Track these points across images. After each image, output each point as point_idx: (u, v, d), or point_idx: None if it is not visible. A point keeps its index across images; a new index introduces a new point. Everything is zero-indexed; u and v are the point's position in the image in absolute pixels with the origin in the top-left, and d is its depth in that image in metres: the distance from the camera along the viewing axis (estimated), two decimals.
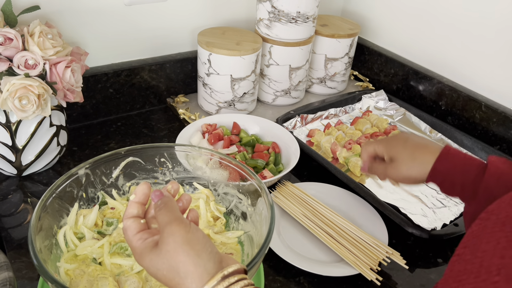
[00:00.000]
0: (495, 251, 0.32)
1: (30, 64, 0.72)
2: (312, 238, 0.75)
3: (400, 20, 1.20)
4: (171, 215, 0.44)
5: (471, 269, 0.33)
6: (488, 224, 0.36)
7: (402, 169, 0.64)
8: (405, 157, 0.64)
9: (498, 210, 0.36)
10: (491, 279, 0.30)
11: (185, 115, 1.03)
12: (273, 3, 0.99)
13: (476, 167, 0.58)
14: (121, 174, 0.70)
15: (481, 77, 1.04)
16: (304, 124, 1.05)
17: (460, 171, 0.59)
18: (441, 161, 0.61)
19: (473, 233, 0.37)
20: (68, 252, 0.60)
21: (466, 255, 0.35)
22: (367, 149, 0.70)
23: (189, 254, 0.41)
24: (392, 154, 0.66)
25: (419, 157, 0.63)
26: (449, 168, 0.60)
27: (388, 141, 0.68)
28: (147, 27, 1.02)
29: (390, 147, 0.67)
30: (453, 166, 0.60)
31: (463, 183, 0.59)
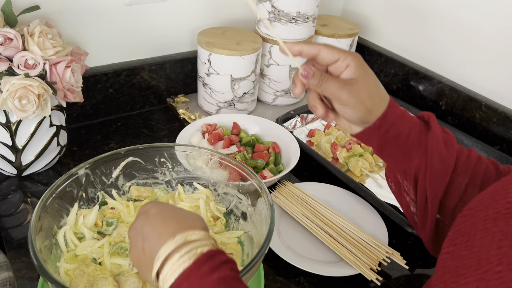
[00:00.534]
0: (491, 244, 0.33)
1: (30, 64, 0.72)
2: (312, 238, 0.75)
3: (400, 20, 1.20)
4: None
5: (470, 263, 0.33)
6: (477, 221, 0.36)
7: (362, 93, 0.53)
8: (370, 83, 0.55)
9: (482, 207, 0.37)
10: (494, 269, 0.31)
11: (185, 115, 1.03)
12: (273, 3, 0.99)
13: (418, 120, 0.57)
14: (121, 174, 0.70)
15: (481, 77, 1.04)
16: (304, 124, 1.05)
17: (407, 121, 0.56)
18: (393, 106, 0.56)
19: (460, 231, 0.37)
20: (68, 252, 0.60)
21: (461, 251, 0.35)
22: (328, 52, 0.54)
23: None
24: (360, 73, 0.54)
25: (381, 91, 0.56)
26: (398, 116, 0.55)
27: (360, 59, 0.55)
28: (147, 27, 1.02)
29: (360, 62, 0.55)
30: (401, 114, 0.56)
31: (408, 133, 0.55)
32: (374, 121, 0.55)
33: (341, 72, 0.54)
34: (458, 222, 0.38)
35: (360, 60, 0.55)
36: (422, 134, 0.55)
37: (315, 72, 0.54)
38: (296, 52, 0.55)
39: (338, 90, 0.53)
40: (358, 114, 0.54)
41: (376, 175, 0.91)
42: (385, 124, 0.55)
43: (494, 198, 0.37)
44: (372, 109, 0.54)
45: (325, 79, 0.54)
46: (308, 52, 0.55)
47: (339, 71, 0.55)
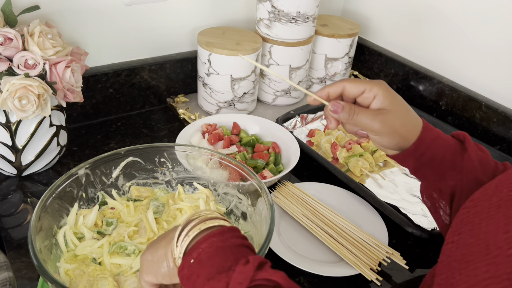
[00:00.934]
0: (497, 230, 0.33)
1: (30, 64, 0.72)
2: (312, 238, 0.75)
3: (400, 20, 1.20)
4: None
5: (478, 249, 0.34)
6: (480, 210, 0.37)
7: (395, 122, 0.53)
8: (402, 111, 0.54)
9: (485, 197, 0.38)
10: (505, 253, 0.31)
11: (185, 115, 1.03)
12: (273, 3, 0.99)
13: (453, 141, 0.57)
14: (121, 174, 0.70)
15: (481, 77, 1.04)
16: (304, 124, 1.05)
17: (442, 143, 0.56)
18: (427, 130, 0.56)
19: (464, 220, 0.38)
20: (68, 252, 0.60)
21: (466, 239, 0.36)
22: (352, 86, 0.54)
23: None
24: (389, 102, 0.53)
25: (413, 117, 0.55)
26: (432, 139, 0.55)
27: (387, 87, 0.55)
28: (147, 27, 1.02)
29: (388, 91, 0.54)
30: (436, 137, 0.56)
31: (443, 156, 0.55)
32: (409, 146, 0.55)
33: (370, 102, 0.54)
34: (461, 213, 0.39)
35: (387, 88, 0.54)
36: (457, 156, 0.55)
37: (344, 107, 0.54)
38: (324, 97, 0.56)
39: (370, 122, 0.53)
40: (393, 142, 0.55)
41: (376, 175, 0.91)
42: (420, 148, 0.55)
43: (498, 188, 0.38)
44: (406, 136, 0.55)
45: (355, 112, 0.54)
46: (334, 92, 0.56)
47: (367, 102, 0.54)
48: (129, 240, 0.62)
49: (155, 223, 0.65)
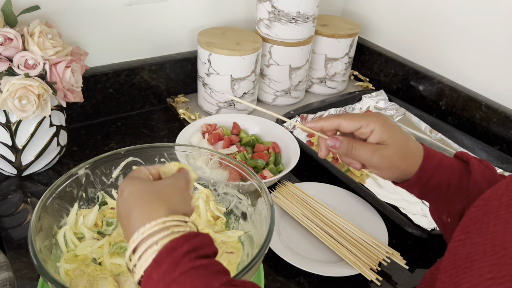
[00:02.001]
0: (506, 230, 0.33)
1: (30, 64, 0.72)
2: (312, 238, 0.75)
3: (400, 20, 1.20)
4: None
5: (484, 249, 0.33)
6: (490, 209, 0.36)
7: (393, 157, 0.53)
8: (400, 144, 0.53)
9: (495, 196, 0.37)
10: (509, 254, 0.31)
11: (185, 115, 1.03)
12: (273, 3, 0.99)
13: (457, 164, 0.56)
14: (121, 174, 0.70)
15: (481, 77, 1.04)
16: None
17: (445, 169, 0.55)
18: (428, 158, 0.55)
19: (472, 219, 0.37)
20: (68, 252, 0.60)
21: (473, 238, 0.35)
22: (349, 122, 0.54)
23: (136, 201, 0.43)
24: (387, 137, 0.53)
25: (413, 148, 0.54)
26: (435, 166, 0.54)
27: (384, 121, 0.54)
28: (147, 27, 1.02)
29: (387, 128, 0.53)
30: (439, 163, 0.55)
31: (449, 182, 0.54)
32: (411, 176, 0.55)
33: (367, 136, 0.54)
34: (470, 211, 0.39)
35: (384, 122, 0.53)
36: (463, 180, 0.54)
37: (342, 142, 0.54)
38: (317, 130, 0.55)
39: (368, 158, 0.53)
40: (394, 175, 0.55)
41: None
42: (423, 177, 0.54)
43: (508, 187, 0.37)
44: (406, 169, 0.54)
45: (353, 147, 0.53)
46: (328, 127, 0.55)
47: (365, 136, 0.54)
48: None
49: None
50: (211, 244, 0.42)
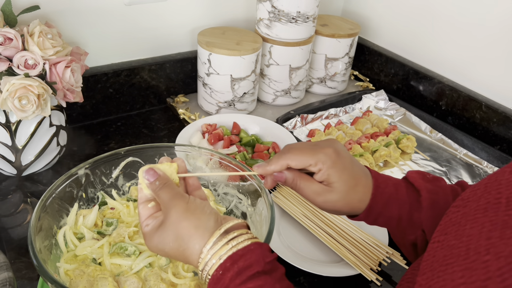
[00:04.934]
0: (480, 234, 0.33)
1: (30, 64, 0.72)
2: (312, 238, 0.75)
3: (400, 20, 1.20)
4: (171, 191, 0.48)
5: (458, 252, 0.33)
6: (468, 211, 0.36)
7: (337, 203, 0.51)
8: (346, 189, 0.51)
9: (474, 198, 0.37)
10: (481, 259, 0.31)
11: (185, 115, 1.03)
12: (273, 3, 0.99)
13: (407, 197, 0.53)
14: (121, 174, 0.70)
15: (481, 77, 1.04)
16: (304, 124, 1.05)
17: (395, 205, 0.52)
18: (376, 198, 0.52)
19: (451, 220, 0.37)
20: (68, 252, 0.60)
21: (450, 240, 0.35)
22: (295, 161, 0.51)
23: (190, 219, 0.45)
24: (333, 180, 0.50)
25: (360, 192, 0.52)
26: (383, 204, 0.52)
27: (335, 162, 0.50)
28: (147, 27, 1.02)
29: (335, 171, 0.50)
30: (387, 200, 0.52)
31: (399, 217, 0.52)
32: (359, 213, 0.53)
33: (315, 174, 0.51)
34: (450, 211, 0.39)
35: (334, 163, 0.50)
36: (414, 214, 0.52)
37: (286, 178, 0.52)
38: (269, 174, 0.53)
39: (312, 199, 0.52)
40: (338, 214, 0.53)
41: None
42: (371, 215, 0.53)
43: (487, 189, 0.37)
44: (351, 212, 0.53)
45: (298, 185, 0.52)
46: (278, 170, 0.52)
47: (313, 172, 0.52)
48: (130, 241, 0.62)
49: None
50: (259, 259, 0.42)
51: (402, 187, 0.53)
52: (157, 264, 0.60)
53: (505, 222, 0.32)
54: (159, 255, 0.48)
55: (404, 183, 0.54)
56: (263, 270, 0.42)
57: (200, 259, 0.44)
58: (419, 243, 0.53)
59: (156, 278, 0.57)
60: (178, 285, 0.57)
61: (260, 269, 0.42)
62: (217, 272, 0.42)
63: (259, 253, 0.43)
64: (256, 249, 0.43)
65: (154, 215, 0.49)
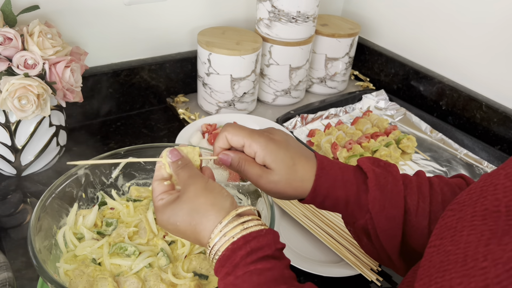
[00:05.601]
0: (479, 242, 0.33)
1: (30, 64, 0.72)
2: (312, 238, 0.75)
3: (400, 20, 1.20)
4: (191, 171, 0.50)
5: (456, 259, 0.33)
6: (464, 215, 0.36)
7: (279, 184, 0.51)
8: (285, 169, 0.51)
9: (470, 202, 0.37)
10: (479, 265, 0.31)
11: (185, 115, 1.03)
12: (273, 2, 0.99)
13: (355, 179, 0.53)
14: (120, 174, 0.70)
15: (481, 77, 1.04)
16: (304, 124, 1.05)
17: (341, 187, 0.52)
18: (320, 179, 0.52)
19: (447, 224, 0.37)
20: (68, 252, 0.60)
21: (446, 246, 0.35)
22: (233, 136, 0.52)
23: (207, 196, 0.46)
24: (270, 161, 0.51)
25: (300, 171, 0.52)
26: (329, 186, 0.52)
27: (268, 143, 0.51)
28: (147, 27, 1.02)
29: (269, 152, 0.51)
30: (333, 182, 0.52)
31: (347, 199, 0.52)
32: (305, 196, 0.53)
33: (254, 157, 0.52)
34: (446, 215, 0.38)
35: (267, 144, 0.51)
36: (361, 196, 0.52)
37: (232, 158, 0.53)
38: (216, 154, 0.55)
39: (255, 181, 0.52)
40: (284, 197, 0.54)
41: None
42: (317, 198, 0.53)
43: (483, 194, 0.36)
44: (295, 193, 0.52)
45: (242, 166, 0.52)
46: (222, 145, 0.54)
47: (252, 156, 0.52)
48: (129, 241, 0.62)
49: (155, 223, 0.65)
50: (270, 244, 0.44)
51: (349, 170, 0.53)
52: (157, 264, 0.59)
53: (506, 231, 0.32)
54: (168, 231, 0.48)
55: (352, 167, 0.54)
56: (273, 255, 0.43)
57: (212, 234, 0.44)
58: (371, 230, 0.53)
59: (156, 278, 0.57)
60: (178, 285, 0.57)
61: (270, 253, 0.43)
62: (227, 250, 0.43)
63: (271, 238, 0.44)
64: (268, 234, 0.44)
65: (169, 191, 0.50)
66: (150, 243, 0.63)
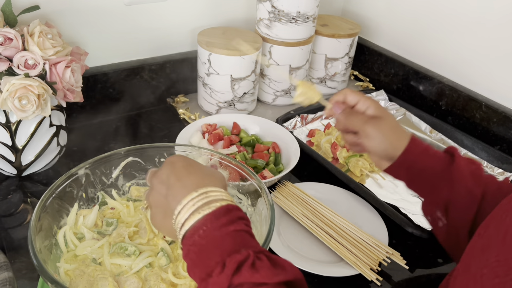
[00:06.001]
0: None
1: (30, 64, 0.72)
2: (312, 238, 0.75)
3: (400, 20, 1.20)
4: None
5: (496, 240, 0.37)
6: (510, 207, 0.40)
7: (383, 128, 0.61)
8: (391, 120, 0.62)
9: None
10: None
11: (185, 115, 1.03)
12: (273, 3, 0.99)
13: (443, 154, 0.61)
14: (121, 174, 0.70)
15: (481, 77, 1.04)
16: (304, 124, 1.05)
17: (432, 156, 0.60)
18: (415, 141, 0.61)
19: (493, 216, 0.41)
20: (68, 252, 0.60)
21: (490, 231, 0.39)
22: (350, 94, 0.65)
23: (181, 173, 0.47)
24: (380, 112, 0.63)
25: (400, 128, 0.62)
26: (420, 152, 0.61)
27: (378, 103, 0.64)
28: (147, 27, 1.02)
29: (378, 105, 0.63)
30: (425, 150, 0.61)
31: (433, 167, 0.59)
32: (397, 155, 0.61)
33: (363, 111, 0.63)
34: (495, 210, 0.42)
35: (378, 103, 0.64)
36: (446, 167, 0.59)
37: (344, 109, 0.64)
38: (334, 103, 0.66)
39: (362, 124, 0.61)
40: (382, 146, 0.61)
41: (376, 175, 0.91)
42: (408, 159, 0.60)
43: None
44: (394, 143, 0.61)
45: (351, 113, 0.63)
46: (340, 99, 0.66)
47: (362, 110, 0.64)
48: (130, 241, 0.62)
49: None
50: None
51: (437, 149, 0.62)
52: (157, 264, 0.60)
53: None
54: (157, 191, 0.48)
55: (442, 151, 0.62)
56: None
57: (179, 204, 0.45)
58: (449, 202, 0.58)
59: (156, 278, 0.57)
60: (178, 285, 0.57)
61: None
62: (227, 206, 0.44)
63: None
64: None
65: None
66: (150, 242, 0.63)
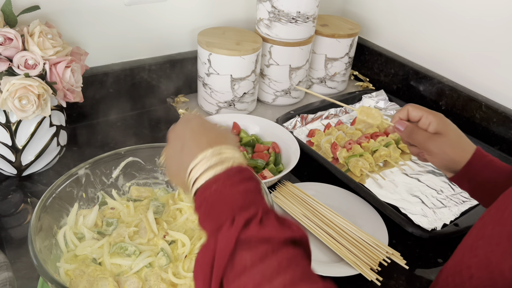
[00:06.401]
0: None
1: (30, 64, 0.72)
2: (312, 238, 0.75)
3: (400, 20, 1.20)
4: None
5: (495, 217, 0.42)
6: None
7: (444, 144, 0.63)
8: (453, 136, 0.63)
9: None
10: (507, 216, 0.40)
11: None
12: (273, 3, 0.99)
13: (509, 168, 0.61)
14: (121, 174, 0.70)
15: (481, 77, 1.04)
16: (304, 124, 1.05)
17: (495, 169, 0.62)
18: (478, 156, 0.62)
19: (498, 202, 0.45)
20: (68, 252, 0.60)
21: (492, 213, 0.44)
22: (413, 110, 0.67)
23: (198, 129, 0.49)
24: (442, 127, 0.64)
25: (464, 143, 0.64)
26: (484, 164, 0.62)
27: (441, 117, 0.66)
28: (147, 27, 1.02)
29: (441, 119, 0.65)
30: (488, 163, 0.62)
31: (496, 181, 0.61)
32: (460, 168, 0.63)
33: (426, 127, 0.65)
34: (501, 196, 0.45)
35: (441, 117, 0.65)
36: (509, 180, 0.60)
37: (407, 126, 0.66)
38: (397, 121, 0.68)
39: (424, 142, 0.64)
40: (443, 162, 0.64)
41: (376, 175, 0.91)
42: (470, 171, 0.63)
43: None
44: (455, 158, 0.63)
45: (414, 131, 0.66)
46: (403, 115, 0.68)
47: (425, 127, 0.65)
48: (130, 241, 0.62)
49: (155, 223, 0.65)
50: None
51: (505, 163, 0.63)
52: (157, 264, 0.60)
53: None
54: None
55: None
56: None
57: None
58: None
59: (156, 278, 0.57)
60: (178, 285, 0.57)
61: None
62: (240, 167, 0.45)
63: None
64: None
65: None
66: (150, 242, 0.63)
